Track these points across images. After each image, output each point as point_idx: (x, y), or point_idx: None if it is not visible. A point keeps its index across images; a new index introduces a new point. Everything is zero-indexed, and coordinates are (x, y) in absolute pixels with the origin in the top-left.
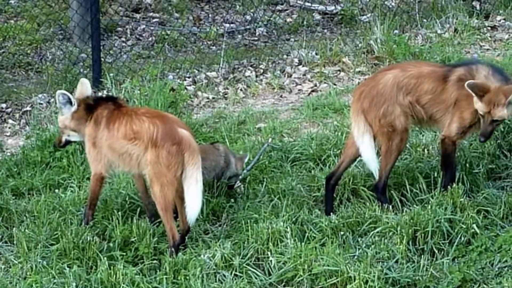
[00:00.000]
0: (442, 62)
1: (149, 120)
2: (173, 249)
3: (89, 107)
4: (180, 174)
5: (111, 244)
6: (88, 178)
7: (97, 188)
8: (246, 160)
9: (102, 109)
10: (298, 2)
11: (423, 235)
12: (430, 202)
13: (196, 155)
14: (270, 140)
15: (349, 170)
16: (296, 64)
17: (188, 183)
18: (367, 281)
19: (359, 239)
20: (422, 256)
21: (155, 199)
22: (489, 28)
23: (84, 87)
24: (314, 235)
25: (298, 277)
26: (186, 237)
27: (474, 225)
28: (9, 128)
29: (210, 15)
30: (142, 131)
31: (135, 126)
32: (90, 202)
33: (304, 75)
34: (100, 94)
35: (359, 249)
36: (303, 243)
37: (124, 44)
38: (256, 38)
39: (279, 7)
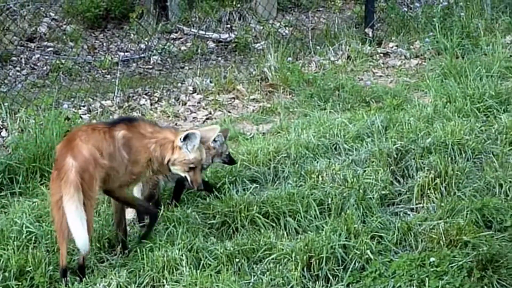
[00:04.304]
0: (336, 89)
1: (62, 142)
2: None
3: None
4: (58, 200)
5: (6, 274)
6: None
7: None
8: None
9: None
10: (192, 30)
11: (317, 261)
12: (324, 228)
13: (67, 188)
14: None
15: (244, 197)
16: (191, 92)
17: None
18: None
19: (254, 266)
20: (317, 282)
21: None
22: (381, 55)
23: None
24: (210, 262)
25: None
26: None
27: (368, 251)
28: None
29: (104, 44)
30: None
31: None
32: None
33: (198, 102)
34: None
35: (254, 276)
36: (198, 271)
37: (18, 73)
38: (150, 67)
39: (173, 35)
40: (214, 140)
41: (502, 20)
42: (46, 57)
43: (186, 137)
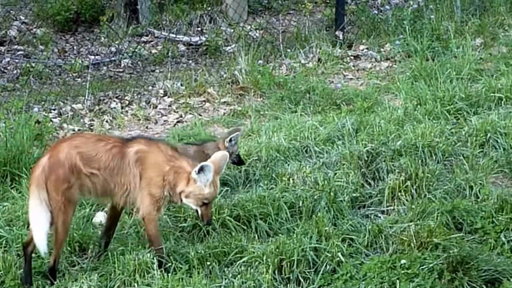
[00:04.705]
0: (307, 92)
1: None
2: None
3: None
4: None
5: None
6: None
7: None
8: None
9: None
10: (163, 33)
11: (289, 264)
12: (295, 231)
13: (31, 184)
14: None
15: (215, 201)
16: (162, 95)
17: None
18: None
19: (225, 269)
20: (288, 285)
21: None
22: (352, 57)
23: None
24: (181, 265)
25: None
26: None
27: (339, 254)
28: None
29: (75, 47)
30: None
31: None
32: None
33: (169, 106)
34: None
35: (225, 279)
36: (169, 274)
37: None
38: (121, 70)
39: (144, 39)
40: (230, 140)
41: (472, 22)
42: (16, 60)
43: (201, 170)
